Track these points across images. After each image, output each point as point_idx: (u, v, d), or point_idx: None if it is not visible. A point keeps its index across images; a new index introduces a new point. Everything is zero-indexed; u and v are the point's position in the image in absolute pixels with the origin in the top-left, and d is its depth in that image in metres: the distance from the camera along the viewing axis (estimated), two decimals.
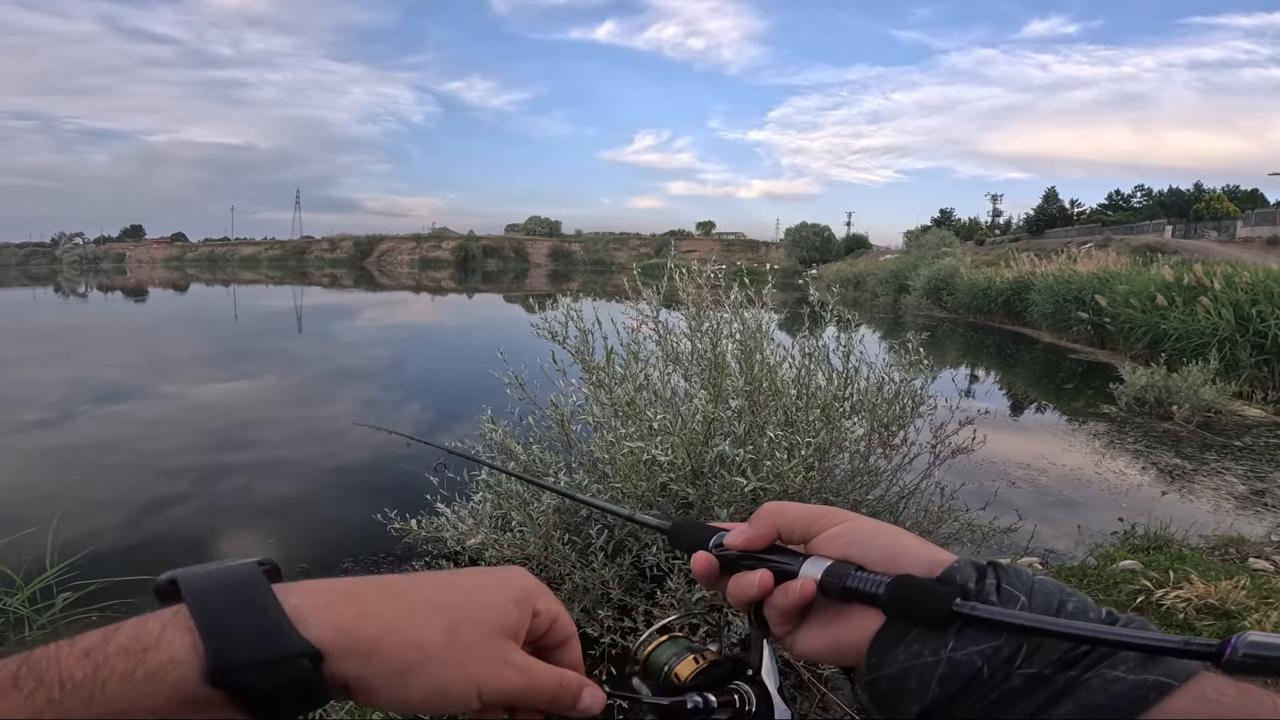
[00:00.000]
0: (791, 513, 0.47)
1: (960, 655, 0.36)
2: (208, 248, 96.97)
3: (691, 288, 2.69)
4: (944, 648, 0.36)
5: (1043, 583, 0.38)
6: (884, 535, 0.43)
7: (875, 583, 0.40)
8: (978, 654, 0.35)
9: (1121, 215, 54.62)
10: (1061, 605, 0.37)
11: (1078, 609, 0.37)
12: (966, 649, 0.36)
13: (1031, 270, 16.68)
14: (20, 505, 4.40)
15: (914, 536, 0.43)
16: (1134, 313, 10.83)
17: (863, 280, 28.71)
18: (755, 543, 0.46)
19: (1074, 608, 0.37)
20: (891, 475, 2.79)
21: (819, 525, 0.45)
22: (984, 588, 0.38)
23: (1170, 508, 4.52)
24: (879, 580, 0.40)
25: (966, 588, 0.38)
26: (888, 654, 0.38)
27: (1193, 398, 6.83)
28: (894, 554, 0.42)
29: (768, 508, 0.48)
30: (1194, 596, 2.85)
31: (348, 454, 5.81)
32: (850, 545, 0.43)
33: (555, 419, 2.76)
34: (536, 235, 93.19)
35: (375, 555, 3.63)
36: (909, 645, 0.37)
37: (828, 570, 0.42)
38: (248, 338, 16.31)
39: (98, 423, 7.08)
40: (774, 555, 0.46)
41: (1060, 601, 0.37)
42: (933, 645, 0.36)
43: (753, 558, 0.46)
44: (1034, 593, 0.37)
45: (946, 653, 0.36)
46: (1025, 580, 0.38)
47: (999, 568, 0.39)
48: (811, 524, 0.46)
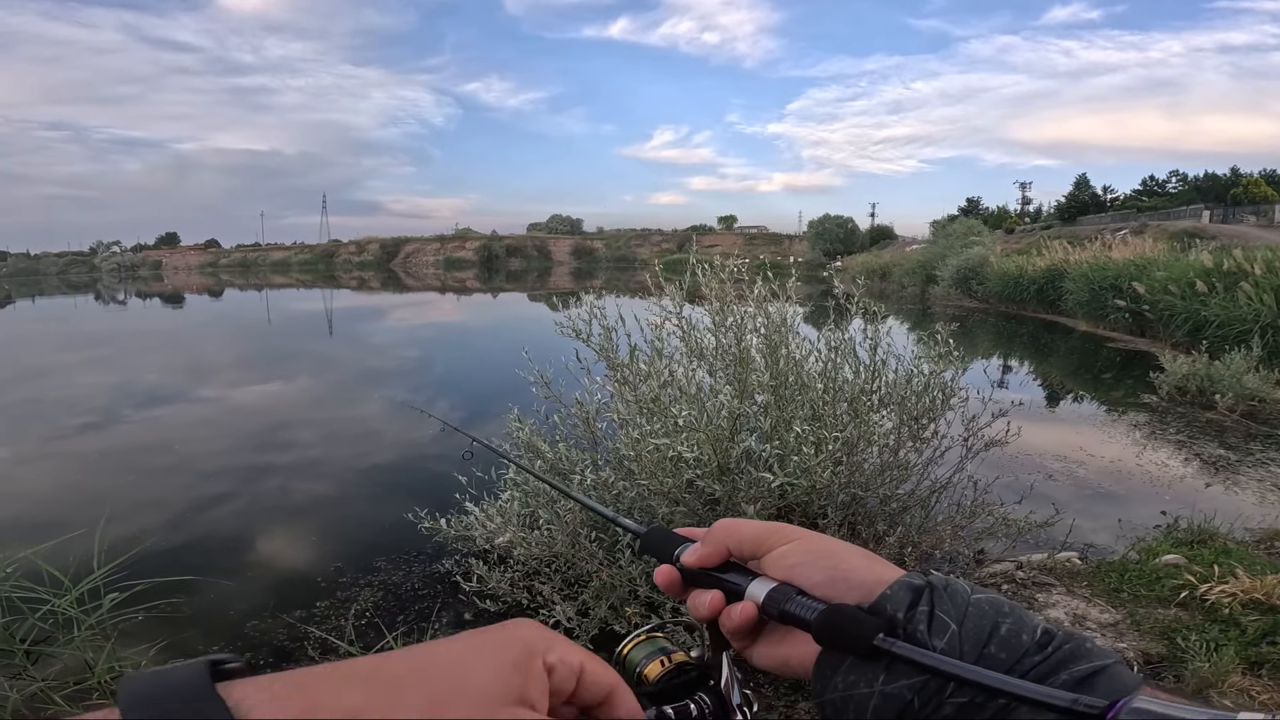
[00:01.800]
0: (743, 531, 0.47)
1: (891, 689, 0.37)
2: (240, 253, 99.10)
3: (714, 282, 2.68)
4: (876, 680, 0.37)
5: (978, 604, 0.39)
6: (830, 557, 0.44)
7: (810, 609, 0.41)
8: (908, 688, 0.36)
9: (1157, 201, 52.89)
10: (995, 630, 0.38)
11: (1010, 632, 0.37)
12: (897, 682, 0.37)
13: (1065, 258, 16.28)
14: (68, 507, 4.56)
15: (863, 554, 0.44)
16: (1173, 300, 10.52)
17: (889, 271, 28.30)
18: (708, 560, 0.47)
19: (1006, 631, 0.37)
20: (922, 469, 2.75)
21: (768, 544, 0.46)
22: (914, 616, 0.38)
23: (1214, 500, 4.38)
24: (814, 607, 0.41)
25: (894, 618, 0.38)
26: (829, 681, 0.39)
27: (1236, 386, 6.61)
28: (838, 576, 0.43)
29: (721, 525, 0.49)
30: (1239, 591, 2.76)
31: (380, 454, 5.92)
32: (795, 567, 0.44)
33: (581, 416, 2.77)
34: (559, 233, 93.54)
35: (407, 553, 3.69)
36: (845, 674, 0.39)
37: (769, 593, 0.43)
38: (282, 340, 16.68)
39: (142, 426, 7.30)
40: (729, 573, 0.47)
41: (994, 626, 0.38)
42: (866, 677, 0.38)
43: (708, 575, 0.47)
44: (967, 617, 0.38)
45: (879, 685, 0.37)
46: (960, 604, 0.39)
47: (935, 591, 0.40)
48: (761, 542, 0.46)
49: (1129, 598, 3.01)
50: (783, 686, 2.35)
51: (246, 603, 3.26)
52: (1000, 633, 0.37)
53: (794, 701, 2.28)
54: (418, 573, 3.51)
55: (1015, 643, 0.37)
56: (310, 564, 3.73)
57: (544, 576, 2.57)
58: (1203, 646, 2.46)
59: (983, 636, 0.37)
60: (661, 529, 0.54)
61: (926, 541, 2.71)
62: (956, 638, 0.37)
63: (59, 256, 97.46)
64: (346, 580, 3.45)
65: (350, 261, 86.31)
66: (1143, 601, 2.97)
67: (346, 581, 3.44)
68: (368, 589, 3.36)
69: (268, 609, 3.19)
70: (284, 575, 3.65)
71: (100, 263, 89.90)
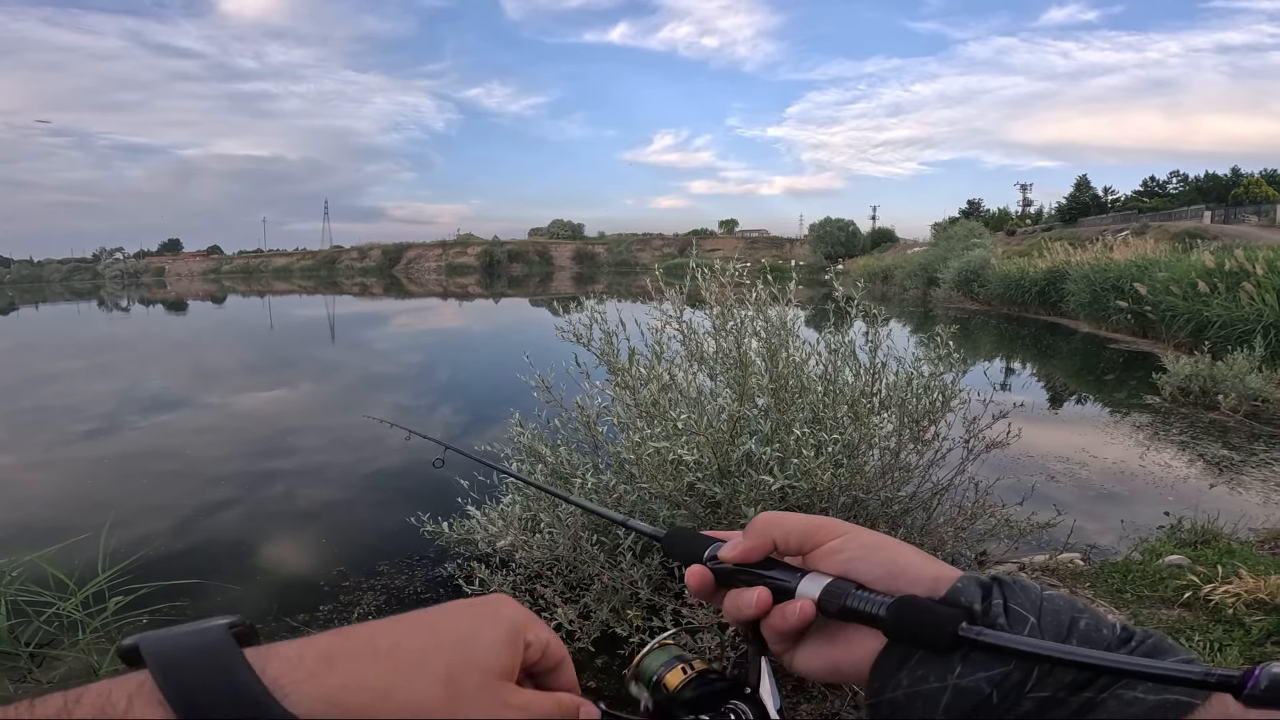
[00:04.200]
0: (789, 523, 0.45)
1: (968, 682, 0.34)
2: (243, 259, 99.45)
3: (714, 286, 2.69)
4: (950, 673, 0.35)
5: (1052, 599, 0.37)
6: (885, 550, 0.42)
7: (876, 603, 0.38)
8: (986, 680, 0.34)
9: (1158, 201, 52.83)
10: (1074, 624, 0.36)
11: (1090, 626, 0.36)
12: (975, 675, 0.34)
13: (1066, 259, 16.28)
14: (73, 512, 4.57)
15: (917, 551, 0.42)
16: (1175, 300, 10.51)
17: (890, 274, 28.30)
18: (750, 555, 0.44)
19: (1086, 626, 0.36)
20: (924, 471, 2.75)
21: (818, 537, 0.43)
22: (990, 608, 0.36)
23: (1218, 501, 4.37)
24: (880, 600, 0.38)
25: (972, 609, 0.36)
26: (891, 678, 0.37)
27: (1239, 386, 6.59)
28: (896, 571, 0.40)
29: (763, 518, 0.46)
30: (1243, 591, 2.76)
31: (383, 459, 5.93)
32: (850, 561, 0.41)
33: (582, 420, 2.78)
34: (560, 238, 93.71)
35: (410, 557, 3.69)
36: (913, 670, 0.36)
37: (826, 588, 0.40)
38: (284, 347, 16.71)
39: (146, 431, 7.32)
40: (770, 570, 0.43)
41: (1072, 620, 0.36)
42: (938, 671, 0.35)
43: (749, 572, 0.44)
44: (1044, 611, 0.36)
45: (953, 679, 0.35)
46: (1034, 598, 0.37)
47: (1005, 585, 0.38)
48: (809, 536, 0.44)
49: (1132, 598, 3.00)
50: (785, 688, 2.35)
51: (250, 606, 3.27)
52: (1080, 626, 0.36)
53: (796, 704, 2.28)
54: (420, 576, 3.51)
55: (1096, 636, 0.35)
56: (313, 568, 3.74)
57: (546, 580, 2.57)
58: (1207, 647, 2.46)
59: (1062, 630, 0.35)
60: (684, 530, 0.51)
61: (928, 543, 2.71)
62: (1036, 629, 0.35)
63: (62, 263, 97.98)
64: (350, 584, 3.46)
65: (352, 267, 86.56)
66: (1146, 602, 2.96)
67: (350, 585, 3.45)
68: (370, 592, 3.36)
69: (271, 613, 3.20)
70: (287, 579, 3.66)
71: (104, 269, 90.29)
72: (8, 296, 52.13)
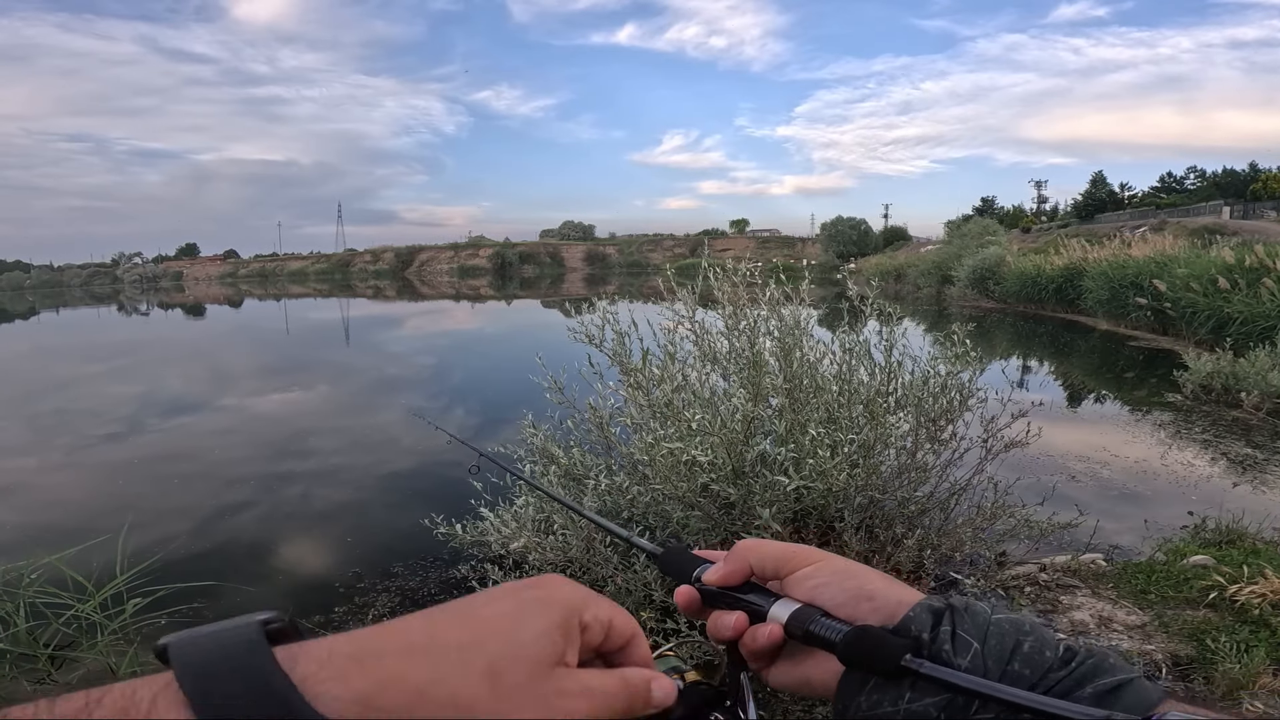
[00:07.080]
0: (765, 550, 0.48)
1: (917, 707, 0.38)
2: (259, 263, 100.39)
3: (727, 286, 2.67)
4: (902, 699, 0.38)
5: (999, 624, 0.40)
6: (853, 577, 0.45)
7: (835, 630, 0.42)
8: (934, 705, 0.37)
9: (1175, 198, 52.02)
10: (1017, 648, 0.38)
11: (1033, 649, 0.38)
12: (923, 700, 0.38)
13: (1083, 256, 16.06)
14: (93, 514, 4.63)
15: (883, 577, 0.45)
16: (1195, 297, 10.35)
17: (903, 273, 28.07)
18: (730, 579, 0.48)
19: (1030, 649, 0.38)
20: (941, 471, 2.72)
21: (792, 564, 0.47)
22: (938, 636, 0.39)
23: (1242, 500, 4.30)
24: (838, 629, 0.42)
25: (920, 639, 0.39)
26: (853, 699, 0.40)
27: (1261, 383, 6.48)
28: (861, 596, 0.44)
29: (743, 545, 0.49)
30: (1269, 592, 2.70)
31: (397, 461, 5.96)
32: (818, 588, 0.45)
33: (594, 421, 2.77)
34: (571, 239, 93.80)
35: (425, 559, 3.70)
36: (869, 694, 0.39)
37: (793, 614, 0.44)
38: (301, 349, 16.87)
39: (165, 434, 7.42)
40: (749, 594, 0.47)
41: (1016, 644, 0.38)
42: (891, 696, 0.39)
43: (728, 595, 0.48)
44: (989, 636, 0.39)
45: (904, 704, 0.38)
46: (981, 624, 0.40)
47: (956, 611, 0.40)
48: (785, 562, 0.47)
49: (1156, 599, 2.95)
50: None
51: (266, 607, 3.29)
52: (1023, 650, 0.38)
53: (792, 708, 2.26)
54: (434, 578, 3.52)
55: (1038, 659, 0.38)
56: (329, 569, 3.76)
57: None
58: (1232, 648, 2.41)
59: (1005, 654, 0.38)
60: (678, 548, 0.55)
61: (946, 544, 2.68)
62: (980, 656, 0.38)
63: (82, 268, 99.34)
64: (364, 585, 3.48)
65: (366, 270, 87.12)
66: (1170, 603, 2.91)
67: (364, 587, 3.46)
68: (385, 594, 3.38)
69: (286, 614, 3.21)
70: (303, 580, 3.68)
71: (122, 274, 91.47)
72: (29, 301, 53.01)
